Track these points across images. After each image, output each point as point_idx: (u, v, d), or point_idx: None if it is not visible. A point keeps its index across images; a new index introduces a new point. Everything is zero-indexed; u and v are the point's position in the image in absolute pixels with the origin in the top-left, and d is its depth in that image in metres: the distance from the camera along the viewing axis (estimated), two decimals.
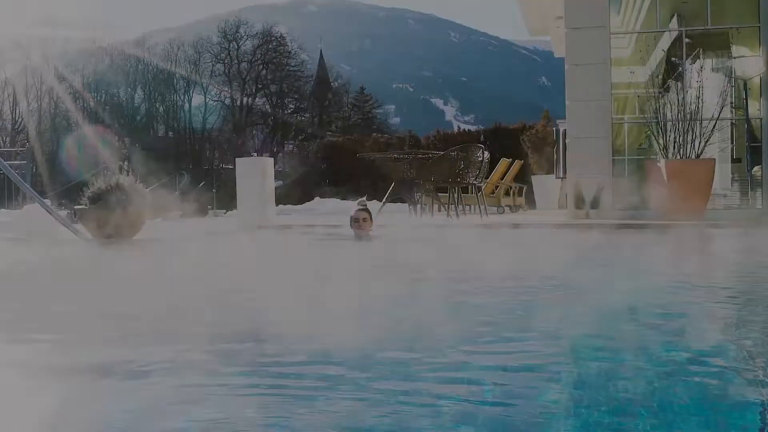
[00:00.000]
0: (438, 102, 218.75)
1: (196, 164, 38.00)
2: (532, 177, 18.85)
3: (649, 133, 10.70)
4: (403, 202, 12.90)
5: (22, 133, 41.29)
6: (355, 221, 7.23)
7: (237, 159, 11.65)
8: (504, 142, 26.89)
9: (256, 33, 59.30)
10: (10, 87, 41.66)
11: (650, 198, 10.27)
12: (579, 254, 5.87)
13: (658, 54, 11.75)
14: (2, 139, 36.73)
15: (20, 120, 42.25)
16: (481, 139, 28.11)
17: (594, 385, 1.90)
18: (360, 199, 7.54)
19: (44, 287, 4.01)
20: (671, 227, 7.94)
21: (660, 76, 11.19)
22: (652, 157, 10.64)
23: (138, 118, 46.69)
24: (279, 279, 4.28)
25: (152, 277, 4.44)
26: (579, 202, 10.63)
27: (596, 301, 3.31)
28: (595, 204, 10.54)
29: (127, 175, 7.95)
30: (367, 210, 7.31)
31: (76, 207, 7.45)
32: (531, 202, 18.39)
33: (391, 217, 11.96)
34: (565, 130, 11.63)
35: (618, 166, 11.15)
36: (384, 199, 11.89)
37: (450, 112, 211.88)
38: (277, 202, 21.67)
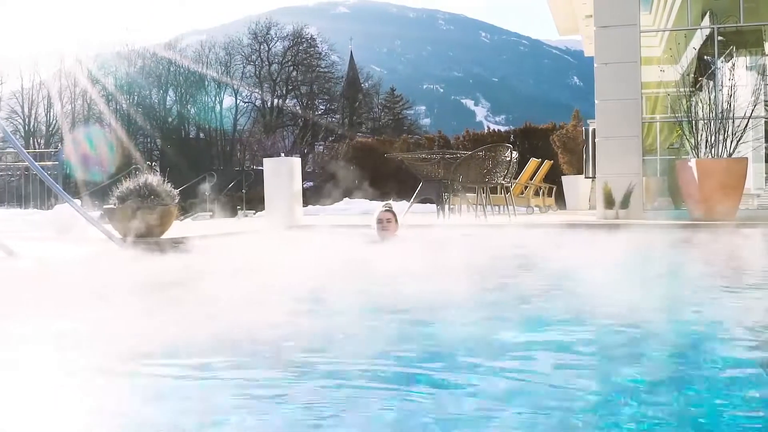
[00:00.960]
0: (469, 103, 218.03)
1: (227, 165, 38.27)
2: (562, 177, 18.71)
3: (681, 133, 10.56)
4: (431, 202, 12.87)
5: (56, 135, 41.89)
6: (379, 222, 7.03)
7: (264, 159, 11.67)
8: (534, 142, 26.75)
9: (287, 35, 59.60)
10: (45, 89, 42.28)
11: (681, 198, 10.14)
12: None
13: (690, 52, 11.59)
14: (36, 141, 37.26)
15: (54, 122, 42.86)
16: (510, 140, 27.97)
17: None
18: (386, 202, 7.40)
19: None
20: (708, 228, 7.81)
21: (691, 75, 11.04)
22: (683, 156, 10.50)
23: (170, 119, 47.12)
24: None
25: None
26: (608, 202, 10.51)
27: None
28: (625, 204, 10.41)
29: (155, 175, 8.01)
30: (392, 211, 7.10)
31: (105, 207, 7.53)
32: (561, 202, 18.25)
33: (422, 218, 11.97)
34: (595, 129, 11.51)
35: (648, 166, 11.02)
36: (411, 200, 11.87)
37: (481, 112, 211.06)
38: (307, 203, 21.79)
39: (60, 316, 3.13)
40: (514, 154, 11.64)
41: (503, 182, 11.70)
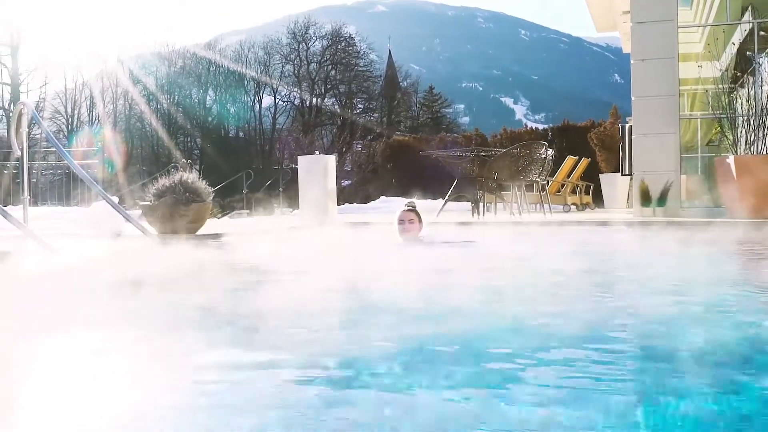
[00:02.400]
0: (508, 101, 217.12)
1: (266, 164, 38.61)
2: (600, 175, 18.55)
3: (719, 129, 10.41)
4: (466, 200, 12.86)
5: (98, 134, 42.65)
6: (400, 222, 6.53)
7: (299, 157, 11.77)
8: (572, 139, 26.51)
9: (325, 34, 59.86)
10: (87, 90, 43.06)
11: (719, 195, 9.99)
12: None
13: (730, 48, 11.41)
14: (79, 140, 38.00)
15: (96, 122, 43.65)
16: (548, 137, 27.77)
17: None
18: (408, 200, 6.84)
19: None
20: (752, 225, 7.67)
21: (731, 71, 10.87)
22: (722, 153, 10.35)
23: (209, 119, 47.68)
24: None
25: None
26: (645, 199, 10.40)
27: None
28: (662, 201, 10.30)
29: (191, 172, 8.14)
30: (414, 210, 6.60)
31: (141, 203, 7.67)
32: (599, 200, 18.10)
33: (457, 215, 11.96)
34: (631, 126, 11.39)
35: (686, 163, 10.88)
36: (446, 198, 11.87)
37: (520, 110, 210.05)
38: (344, 201, 21.91)
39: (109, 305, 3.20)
40: (550, 152, 11.58)
41: (538, 180, 11.65)
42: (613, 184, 17.15)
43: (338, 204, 16.70)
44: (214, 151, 40.90)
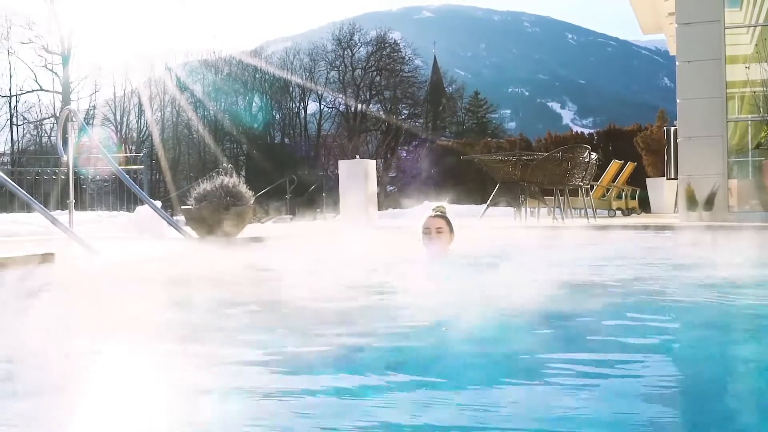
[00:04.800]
0: (555, 105, 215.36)
1: (311, 170, 38.90)
2: (647, 180, 18.28)
3: None
4: (507, 205, 12.78)
5: (146, 141, 43.37)
6: (426, 232, 5.05)
7: (340, 161, 11.83)
8: (618, 144, 26.16)
9: (370, 40, 60.00)
10: (136, 97, 43.84)
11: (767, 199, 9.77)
12: None
13: None
14: (128, 147, 38.71)
15: (145, 129, 44.40)
16: (593, 142, 27.44)
17: None
18: (437, 204, 5.29)
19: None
20: None
21: None
22: None
23: (255, 125, 48.13)
24: None
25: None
26: (691, 203, 10.22)
27: None
28: (708, 206, 10.10)
29: (234, 176, 8.23)
30: (444, 217, 5.13)
31: (182, 207, 7.78)
32: (646, 205, 17.85)
33: (500, 221, 11.89)
34: (676, 129, 11.20)
35: (733, 167, 10.65)
36: (487, 203, 11.82)
37: (567, 115, 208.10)
38: (388, 206, 21.92)
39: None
40: (593, 156, 11.45)
41: (581, 184, 11.52)
42: (659, 188, 16.90)
43: (382, 209, 16.74)
44: (260, 158, 41.28)
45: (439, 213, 5.12)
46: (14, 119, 42.21)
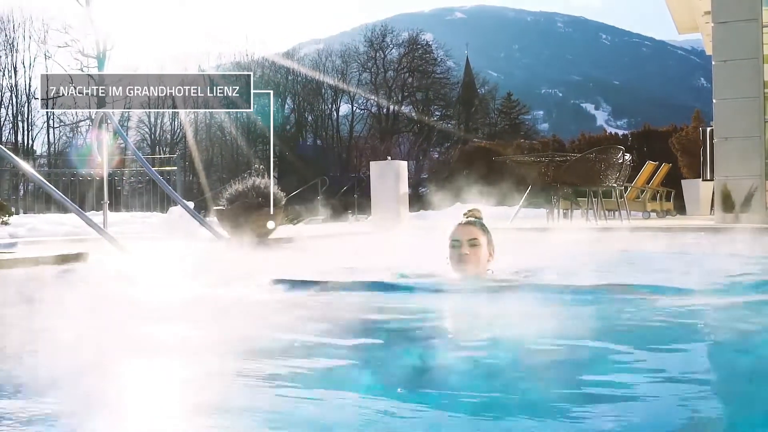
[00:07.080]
0: (589, 107, 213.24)
1: (343, 171, 38.99)
2: (682, 181, 18.04)
3: None
4: (540, 206, 12.68)
5: (180, 143, 43.78)
6: (454, 246, 3.69)
7: (371, 162, 11.83)
8: (653, 145, 25.84)
9: (402, 41, 60.04)
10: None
11: None
12: None
13: None
14: (161, 149, 39.14)
15: (178, 131, 44.83)
16: (628, 143, 27.15)
17: None
18: (470, 208, 4.00)
19: None
20: None
21: None
22: None
23: (288, 127, 48.38)
24: None
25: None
26: (727, 205, 10.05)
27: None
28: (745, 207, 9.93)
29: (264, 178, 8.26)
30: (480, 224, 3.80)
31: (215, 208, 7.83)
32: (682, 207, 17.61)
33: (532, 222, 11.78)
34: (712, 130, 11.03)
35: None
36: (519, 205, 11.72)
37: (601, 116, 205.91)
38: (420, 208, 21.89)
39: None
40: (627, 156, 11.32)
41: (616, 185, 11.39)
42: (695, 190, 16.66)
43: (414, 210, 16.71)
44: (292, 159, 41.49)
45: (472, 219, 3.83)
46: (50, 122, 42.94)
